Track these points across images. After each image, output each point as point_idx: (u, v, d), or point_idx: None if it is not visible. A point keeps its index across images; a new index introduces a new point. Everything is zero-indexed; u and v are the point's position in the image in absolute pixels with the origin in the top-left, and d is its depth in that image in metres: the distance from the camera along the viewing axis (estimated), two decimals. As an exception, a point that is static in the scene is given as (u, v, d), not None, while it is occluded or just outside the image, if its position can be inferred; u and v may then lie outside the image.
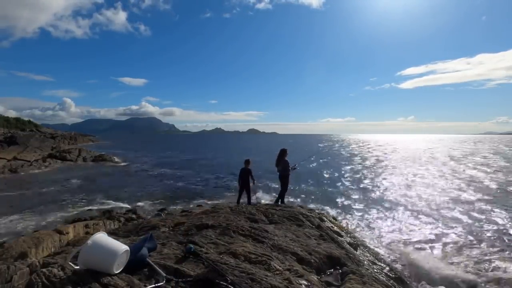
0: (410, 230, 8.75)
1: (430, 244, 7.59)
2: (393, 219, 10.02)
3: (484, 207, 11.38)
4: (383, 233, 8.48)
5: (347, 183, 17.70)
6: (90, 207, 12.03)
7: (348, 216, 10.48)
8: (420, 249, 7.28)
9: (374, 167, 25.62)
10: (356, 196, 13.79)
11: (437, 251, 7.14)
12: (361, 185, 16.82)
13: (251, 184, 8.64)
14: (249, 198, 8.77)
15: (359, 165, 27.57)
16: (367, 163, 29.93)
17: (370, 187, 16.25)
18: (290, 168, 8.64)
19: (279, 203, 8.58)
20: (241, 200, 8.94)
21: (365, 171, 23.06)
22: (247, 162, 8.65)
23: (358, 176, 20.65)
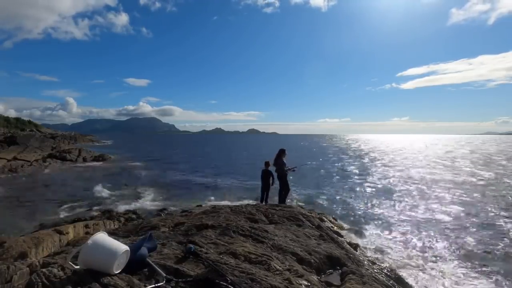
0: (411, 231, 8.75)
1: (430, 245, 7.59)
2: (394, 219, 10.02)
3: (491, 211, 11.38)
4: (383, 233, 8.48)
5: (347, 184, 17.70)
6: (90, 207, 12.03)
7: (348, 216, 10.48)
8: (421, 249, 7.28)
9: (374, 168, 25.62)
10: (356, 196, 13.80)
11: (438, 253, 7.14)
12: (361, 186, 16.82)
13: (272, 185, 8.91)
14: (266, 197, 8.99)
15: (359, 166, 27.57)
16: (367, 163, 29.93)
17: (370, 187, 16.25)
18: (287, 168, 8.65)
19: (279, 203, 8.59)
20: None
21: (365, 172, 23.05)
22: (267, 163, 8.88)
23: (358, 176, 20.65)
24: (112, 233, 5.06)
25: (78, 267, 2.35)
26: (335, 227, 6.89)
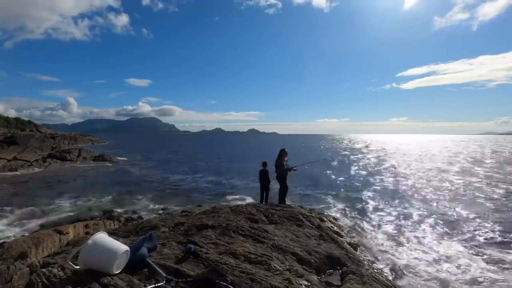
0: (412, 230, 8.74)
1: (432, 245, 7.59)
2: (394, 219, 10.01)
3: (489, 207, 11.38)
4: (383, 233, 8.48)
5: (347, 184, 17.70)
6: (90, 207, 12.03)
7: (348, 216, 10.48)
8: (421, 249, 7.28)
9: (374, 168, 25.62)
10: (356, 197, 13.79)
11: (439, 253, 7.14)
12: (361, 185, 16.82)
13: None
14: (266, 197, 8.97)
15: (359, 166, 27.57)
16: (367, 163, 29.93)
17: (370, 187, 16.24)
18: (285, 168, 8.63)
19: (279, 203, 8.59)
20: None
21: (365, 172, 23.05)
22: (264, 164, 8.89)
23: (358, 176, 20.65)
24: (112, 233, 5.07)
25: (78, 267, 2.35)
26: (335, 227, 6.89)
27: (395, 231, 8.67)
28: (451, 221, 9.65)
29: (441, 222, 9.53)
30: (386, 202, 12.46)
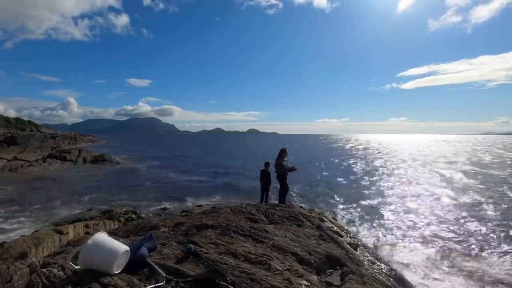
0: (412, 230, 8.75)
1: (432, 245, 7.59)
2: (394, 219, 10.02)
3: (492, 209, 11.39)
4: (383, 233, 8.48)
5: (347, 183, 17.70)
6: (90, 207, 12.02)
7: (348, 216, 10.48)
8: (422, 249, 7.28)
9: (374, 167, 25.62)
10: (356, 197, 13.79)
11: (437, 254, 7.14)
12: (361, 185, 16.82)
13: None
14: (266, 197, 9.05)
15: (359, 165, 27.57)
16: (367, 163, 29.92)
17: (370, 187, 16.24)
18: (285, 168, 8.64)
19: (279, 203, 8.59)
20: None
21: (365, 171, 23.05)
22: (266, 164, 8.95)
23: (358, 176, 20.65)
24: (112, 233, 5.06)
25: (78, 267, 2.35)
26: (335, 227, 6.89)
27: (395, 231, 8.67)
28: (451, 222, 9.66)
29: (441, 222, 9.54)
30: (386, 202, 12.46)
